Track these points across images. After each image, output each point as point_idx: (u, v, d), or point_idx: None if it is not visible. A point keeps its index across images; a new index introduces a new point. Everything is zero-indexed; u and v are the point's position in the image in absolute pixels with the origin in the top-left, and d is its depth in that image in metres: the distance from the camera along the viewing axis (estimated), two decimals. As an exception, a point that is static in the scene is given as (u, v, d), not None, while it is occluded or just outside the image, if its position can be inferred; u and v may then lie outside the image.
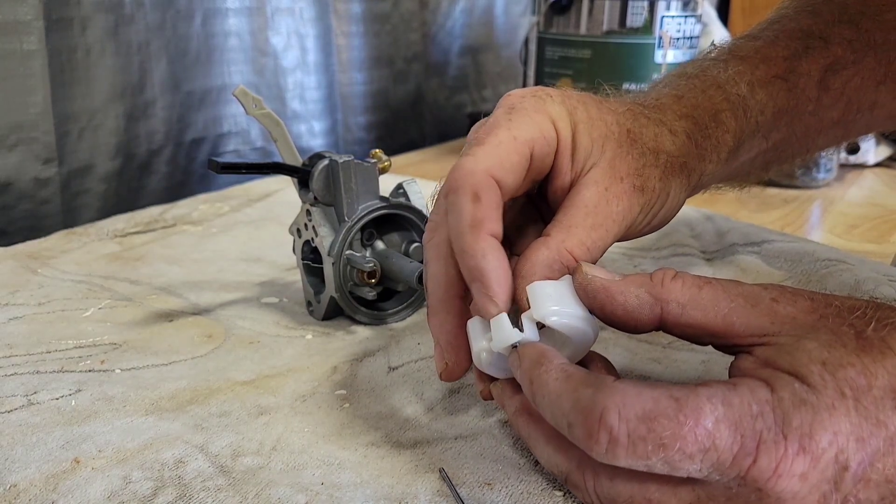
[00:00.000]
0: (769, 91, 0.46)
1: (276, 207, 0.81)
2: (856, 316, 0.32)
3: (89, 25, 0.80)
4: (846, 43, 0.48)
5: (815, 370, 0.30)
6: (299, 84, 1.04)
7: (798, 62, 0.47)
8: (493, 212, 0.36)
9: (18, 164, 0.76)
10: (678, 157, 0.42)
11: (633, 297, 0.34)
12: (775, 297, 0.33)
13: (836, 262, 0.60)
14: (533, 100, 0.40)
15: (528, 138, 0.38)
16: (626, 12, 0.94)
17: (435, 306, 0.39)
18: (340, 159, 0.52)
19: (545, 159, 0.39)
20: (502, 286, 0.35)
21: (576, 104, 0.41)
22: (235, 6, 0.95)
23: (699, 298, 0.33)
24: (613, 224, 0.40)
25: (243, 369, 0.48)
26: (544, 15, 1.00)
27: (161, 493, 0.36)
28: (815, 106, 0.48)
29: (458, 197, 0.36)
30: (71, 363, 0.48)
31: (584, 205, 0.39)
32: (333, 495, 0.36)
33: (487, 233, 0.36)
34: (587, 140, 0.40)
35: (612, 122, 0.41)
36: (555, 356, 0.34)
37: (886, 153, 1.05)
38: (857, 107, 0.49)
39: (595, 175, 0.40)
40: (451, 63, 1.30)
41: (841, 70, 0.48)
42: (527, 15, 1.39)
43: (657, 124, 0.42)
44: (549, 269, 0.37)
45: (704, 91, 0.45)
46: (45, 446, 0.39)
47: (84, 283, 0.60)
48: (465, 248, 0.36)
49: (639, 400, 0.30)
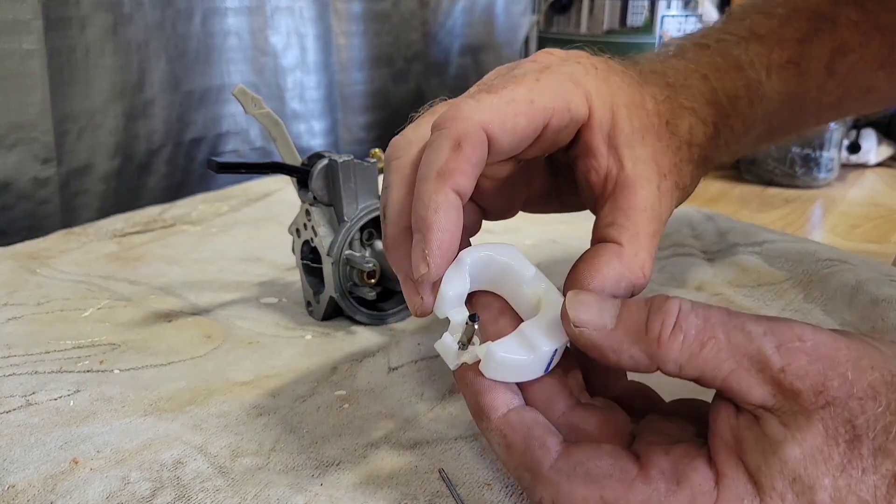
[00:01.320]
0: (782, 76, 0.44)
1: (276, 207, 0.81)
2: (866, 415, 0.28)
3: (88, 25, 0.79)
4: (853, 25, 0.47)
5: (780, 486, 0.28)
6: (299, 83, 1.04)
7: (809, 45, 0.45)
8: (468, 167, 0.33)
9: (17, 164, 0.76)
10: (705, 149, 0.41)
11: (627, 357, 0.31)
12: (784, 366, 0.29)
13: (838, 261, 0.59)
14: (573, 67, 0.36)
15: (547, 106, 0.34)
16: (627, 12, 0.94)
17: (397, 237, 0.35)
18: (340, 159, 0.52)
19: (562, 132, 0.36)
20: (443, 249, 0.32)
21: (620, 83, 0.38)
22: (235, 5, 0.94)
23: (698, 360, 0.30)
24: (663, 227, 0.38)
25: (242, 370, 0.48)
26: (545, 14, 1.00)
27: (160, 493, 0.36)
28: (818, 91, 0.47)
29: (440, 138, 0.33)
30: (70, 363, 0.48)
31: (645, 208, 0.36)
32: (332, 496, 0.36)
33: (452, 187, 0.32)
34: (628, 128, 0.37)
35: (652, 112, 0.38)
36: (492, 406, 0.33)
37: (888, 153, 1.05)
38: (855, 91, 0.49)
39: (645, 172, 0.37)
40: (451, 62, 1.29)
41: (848, 53, 0.47)
42: (527, 14, 1.39)
43: (691, 113, 0.40)
44: (617, 285, 0.35)
45: (727, 72, 0.43)
46: (43, 447, 0.39)
47: (83, 284, 0.60)
48: (422, 194, 0.33)
49: (570, 499, 0.30)
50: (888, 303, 0.52)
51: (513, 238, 0.69)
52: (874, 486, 0.28)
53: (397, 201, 0.35)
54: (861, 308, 0.53)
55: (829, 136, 0.95)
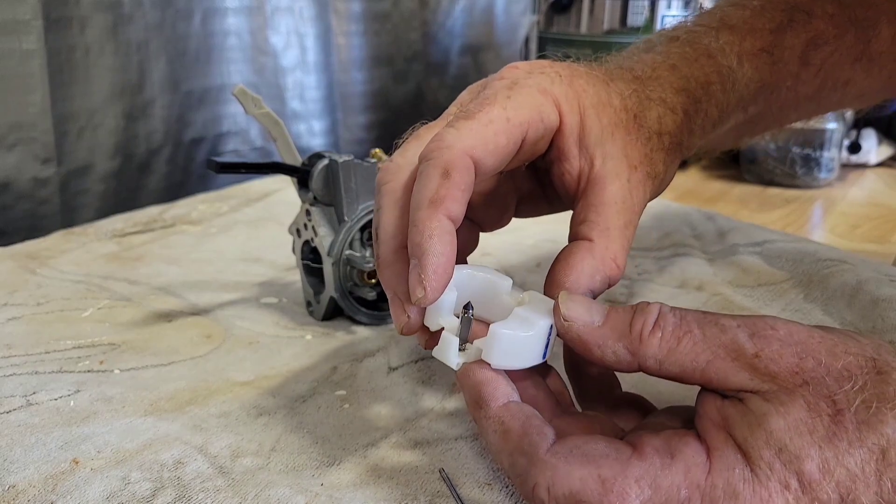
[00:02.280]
0: (755, 64, 0.45)
1: (276, 207, 0.81)
2: (844, 390, 0.30)
3: (88, 25, 0.79)
4: (828, 17, 0.47)
5: (767, 456, 0.30)
6: (299, 83, 1.04)
7: (783, 35, 0.46)
8: (458, 192, 0.34)
9: (17, 164, 0.76)
10: (677, 136, 0.42)
11: (611, 353, 0.34)
12: (758, 351, 0.31)
13: (838, 262, 0.60)
14: (539, 77, 0.38)
15: (522, 121, 0.36)
16: (627, 11, 0.94)
17: (388, 257, 0.37)
18: (340, 159, 0.52)
19: (539, 142, 0.38)
20: (438, 273, 0.33)
21: (584, 86, 0.39)
22: (235, 5, 0.94)
23: (676, 354, 0.32)
24: (636, 217, 0.39)
25: (243, 370, 0.48)
26: (545, 14, 1.00)
27: (160, 493, 0.36)
28: (794, 81, 0.47)
29: (429, 167, 0.35)
30: (70, 363, 0.48)
31: (614, 202, 0.38)
32: (333, 496, 0.36)
33: (444, 213, 0.34)
34: (597, 126, 0.39)
35: (619, 108, 0.40)
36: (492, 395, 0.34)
37: (888, 153, 1.05)
38: (832, 83, 0.49)
39: (614, 167, 0.39)
40: (451, 62, 1.29)
41: (822, 45, 0.47)
42: (527, 14, 1.38)
43: (659, 104, 0.41)
44: (592, 279, 0.37)
45: (697, 60, 0.44)
46: (43, 447, 0.39)
47: (83, 284, 0.60)
48: (418, 221, 0.34)
49: (567, 481, 0.31)
50: (888, 303, 0.52)
51: (513, 238, 0.69)
52: (862, 460, 0.29)
53: (389, 223, 0.37)
54: (861, 308, 0.53)
55: (830, 136, 0.95)
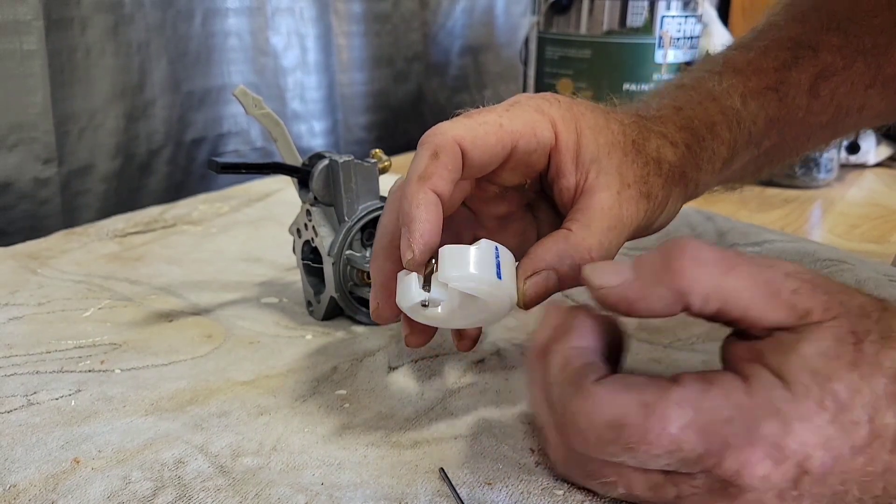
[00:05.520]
0: (760, 102, 0.47)
1: (276, 207, 0.81)
2: (863, 323, 0.32)
3: (89, 25, 0.80)
4: (835, 50, 0.49)
5: (804, 378, 0.31)
6: (299, 84, 1.04)
7: (788, 72, 0.48)
8: (444, 171, 0.38)
9: (18, 164, 0.76)
10: (678, 166, 0.43)
11: (656, 299, 0.33)
12: (797, 287, 0.33)
13: (837, 262, 0.60)
14: (539, 101, 0.41)
15: (514, 130, 0.39)
16: (627, 12, 0.94)
17: (378, 252, 0.41)
18: (340, 159, 0.52)
19: (532, 155, 0.40)
20: (424, 237, 0.36)
21: (583, 110, 0.42)
22: (235, 6, 0.95)
23: (722, 288, 0.33)
24: (625, 227, 0.41)
25: (243, 369, 0.48)
26: (544, 15, 1.00)
27: (161, 493, 0.36)
28: (805, 113, 0.49)
29: (421, 150, 0.38)
30: (71, 363, 0.48)
31: (601, 207, 0.40)
32: (333, 495, 0.36)
33: (431, 187, 0.37)
34: (593, 145, 0.41)
35: (617, 132, 0.42)
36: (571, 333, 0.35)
37: (887, 153, 1.05)
38: (846, 110, 0.50)
39: (606, 180, 0.41)
40: (451, 63, 1.29)
41: (830, 77, 0.49)
42: (527, 15, 1.39)
43: (659, 136, 0.43)
44: (559, 260, 0.39)
45: (701, 103, 0.46)
46: (44, 446, 0.39)
47: (84, 284, 0.60)
48: (406, 193, 0.37)
49: (610, 408, 0.32)
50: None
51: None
52: (883, 384, 0.31)
53: (385, 223, 0.41)
54: (860, 308, 0.53)
55: (829, 136, 0.95)
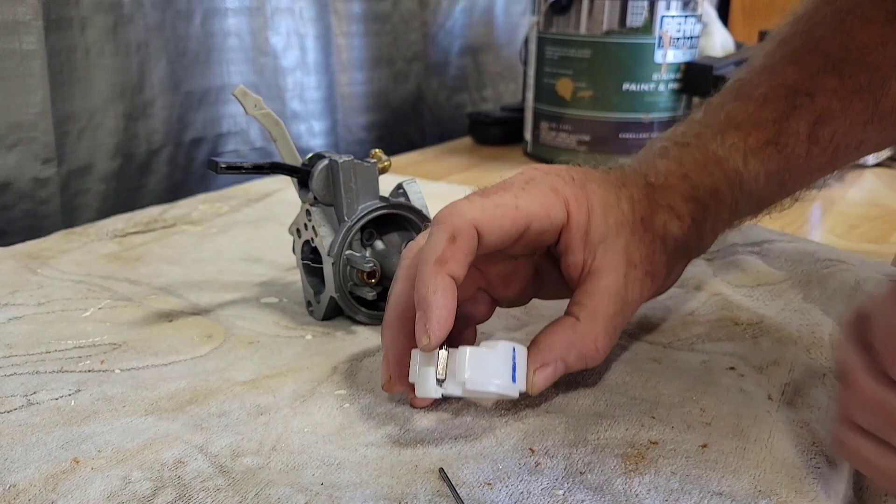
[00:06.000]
0: (761, 158, 0.48)
1: (276, 207, 0.81)
2: None
3: (88, 25, 0.80)
4: (831, 93, 0.49)
5: None
6: (299, 84, 1.04)
7: (787, 123, 0.49)
8: (461, 255, 0.39)
9: (18, 164, 0.76)
10: (683, 241, 0.46)
11: None
12: None
13: (837, 262, 0.60)
14: (554, 179, 0.43)
15: (529, 212, 0.41)
16: (626, 12, 0.94)
17: (391, 321, 0.42)
18: (340, 159, 0.52)
19: (544, 234, 0.42)
20: (441, 324, 0.38)
21: (595, 188, 0.43)
22: (235, 6, 0.94)
23: None
24: (629, 309, 0.43)
25: (243, 369, 0.48)
26: (544, 15, 1.00)
27: (160, 493, 0.36)
28: (805, 159, 0.50)
29: (438, 231, 0.39)
30: (70, 363, 0.48)
31: (608, 292, 0.42)
32: (333, 495, 0.36)
33: (447, 272, 0.38)
34: (603, 225, 0.43)
35: (627, 210, 0.44)
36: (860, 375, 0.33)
37: (886, 153, 1.05)
38: (844, 149, 0.51)
39: (613, 261, 0.43)
40: (451, 63, 1.29)
41: (829, 121, 0.49)
42: (527, 15, 1.39)
43: (667, 210, 0.45)
44: (567, 350, 0.41)
45: (706, 167, 0.47)
46: (44, 446, 0.39)
47: (84, 283, 0.60)
48: (423, 277, 0.39)
49: None
50: (887, 303, 0.52)
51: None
52: None
53: (399, 292, 0.42)
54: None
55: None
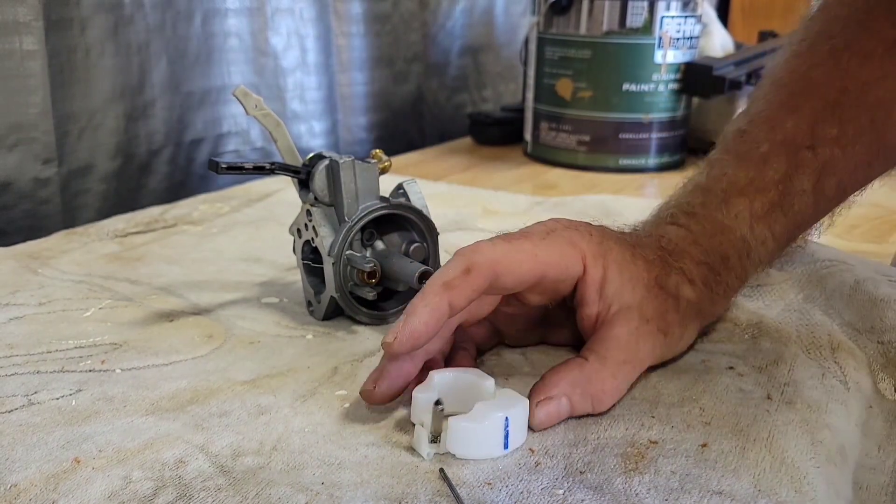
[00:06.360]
0: (767, 223, 0.49)
1: (276, 207, 0.81)
2: None
3: (89, 26, 0.80)
4: (833, 141, 0.49)
5: None
6: (299, 84, 1.04)
7: (790, 183, 0.49)
8: (468, 289, 0.40)
9: (18, 165, 0.76)
10: (696, 303, 0.46)
11: None
12: None
13: (836, 262, 0.60)
14: (573, 233, 0.44)
15: (546, 261, 0.43)
16: (626, 12, 0.94)
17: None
18: (341, 159, 0.52)
19: (560, 285, 0.44)
20: (413, 336, 0.39)
21: (612, 245, 0.45)
22: (235, 6, 0.95)
23: None
24: (640, 362, 0.44)
25: (244, 369, 0.48)
26: (544, 15, 1.00)
27: (161, 492, 0.36)
28: (813, 212, 0.51)
29: (455, 260, 0.41)
30: (71, 363, 0.48)
31: (617, 339, 0.43)
32: (333, 495, 0.36)
33: (449, 299, 0.40)
34: (618, 280, 0.44)
35: (642, 269, 0.45)
36: None
37: (886, 153, 1.05)
38: (850, 189, 0.52)
39: (626, 314, 0.44)
40: (451, 63, 1.29)
41: (832, 171, 0.49)
42: (527, 15, 1.39)
43: (679, 273, 0.46)
44: (572, 388, 0.42)
45: (714, 235, 0.48)
46: (45, 446, 0.39)
47: (84, 283, 0.60)
48: (425, 290, 0.41)
49: None
50: (886, 303, 0.52)
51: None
52: None
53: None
54: (860, 308, 0.53)
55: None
